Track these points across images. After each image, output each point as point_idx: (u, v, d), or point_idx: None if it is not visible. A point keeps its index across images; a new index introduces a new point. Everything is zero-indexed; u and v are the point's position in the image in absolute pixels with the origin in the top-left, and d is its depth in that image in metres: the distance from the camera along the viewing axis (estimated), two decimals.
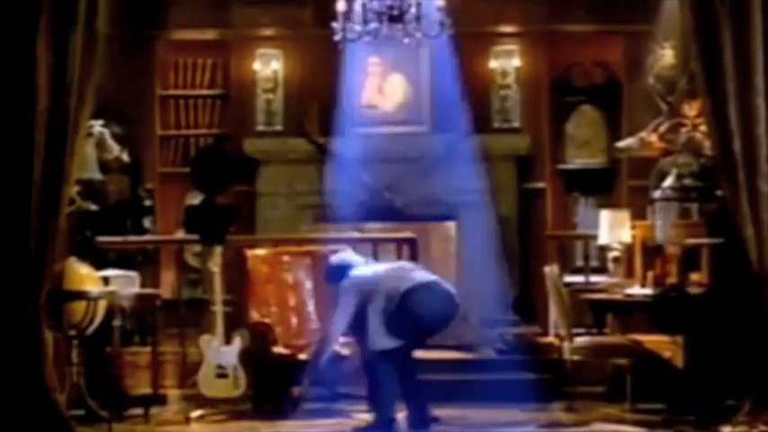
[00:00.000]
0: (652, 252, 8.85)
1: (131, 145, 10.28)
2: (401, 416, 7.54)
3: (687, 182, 9.09)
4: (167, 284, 10.08)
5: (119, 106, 9.98)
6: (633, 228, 9.05)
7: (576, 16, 10.64)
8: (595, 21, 10.61)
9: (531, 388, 8.41)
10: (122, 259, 9.05)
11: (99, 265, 8.19)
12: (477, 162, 10.32)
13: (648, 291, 8.33)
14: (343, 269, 7.66)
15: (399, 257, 8.87)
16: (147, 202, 10.26)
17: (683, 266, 8.50)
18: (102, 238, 8.69)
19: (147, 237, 9.95)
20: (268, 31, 10.82)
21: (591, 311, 8.88)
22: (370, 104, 10.77)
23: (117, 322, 8.12)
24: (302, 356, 8.00)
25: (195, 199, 10.38)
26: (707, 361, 7.88)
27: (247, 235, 9.89)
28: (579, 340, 8.23)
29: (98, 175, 9.63)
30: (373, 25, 7.89)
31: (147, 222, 10.19)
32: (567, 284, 8.94)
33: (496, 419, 7.89)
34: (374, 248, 9.01)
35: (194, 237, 8.96)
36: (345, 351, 7.97)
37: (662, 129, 9.56)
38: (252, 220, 10.52)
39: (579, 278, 9.90)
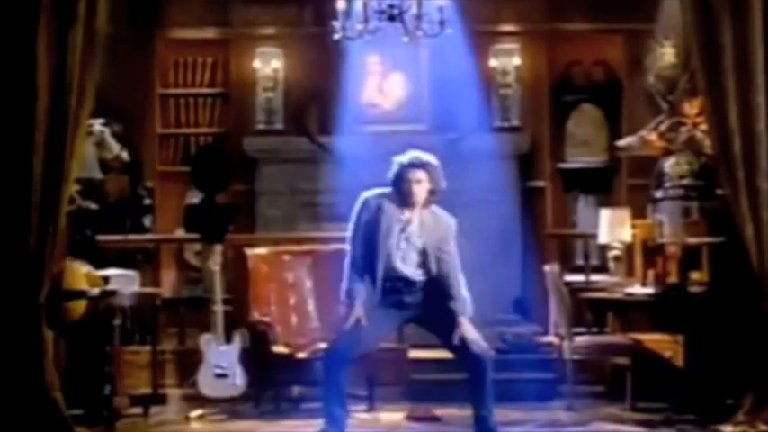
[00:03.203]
0: (652, 251, 8.84)
1: (131, 144, 10.28)
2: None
3: (687, 181, 9.10)
4: (167, 283, 10.07)
5: (119, 105, 9.98)
6: (633, 227, 9.04)
7: (576, 15, 10.64)
8: (595, 20, 10.60)
9: (530, 387, 8.39)
10: (122, 258, 9.04)
11: (99, 264, 8.18)
12: (478, 161, 10.31)
13: (649, 290, 8.32)
14: None
15: None
16: (147, 201, 10.26)
17: (684, 265, 8.49)
18: (101, 237, 8.68)
19: (147, 235, 9.95)
20: (268, 30, 10.82)
21: (591, 310, 8.88)
22: (370, 103, 10.77)
23: (117, 321, 8.11)
24: (302, 355, 7.99)
25: (195, 198, 10.40)
26: (707, 360, 7.88)
27: (247, 234, 9.88)
28: (579, 339, 8.22)
29: (98, 174, 9.62)
30: (374, 24, 7.89)
31: (146, 221, 10.19)
32: (568, 283, 8.92)
33: (496, 419, 7.86)
34: None
35: (194, 236, 8.95)
36: None
37: (662, 127, 9.56)
38: (252, 219, 10.52)
39: (579, 277, 9.88)
